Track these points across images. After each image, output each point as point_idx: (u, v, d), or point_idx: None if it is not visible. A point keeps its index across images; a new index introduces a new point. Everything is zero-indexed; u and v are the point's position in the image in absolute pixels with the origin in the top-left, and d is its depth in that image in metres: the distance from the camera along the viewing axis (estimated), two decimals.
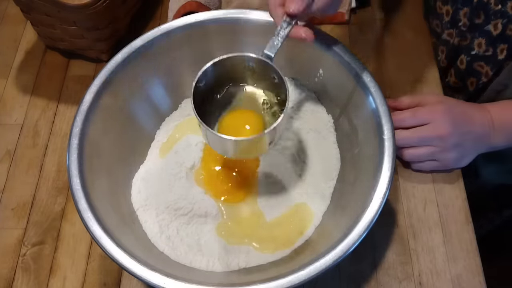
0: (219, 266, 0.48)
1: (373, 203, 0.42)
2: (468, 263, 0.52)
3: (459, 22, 0.60)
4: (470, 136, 0.53)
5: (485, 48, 0.57)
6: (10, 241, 0.56)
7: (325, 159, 0.54)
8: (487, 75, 0.59)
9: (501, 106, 0.55)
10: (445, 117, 0.53)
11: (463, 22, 0.59)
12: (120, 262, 0.40)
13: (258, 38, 0.54)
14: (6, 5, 0.76)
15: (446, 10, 0.62)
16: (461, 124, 0.53)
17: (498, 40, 0.55)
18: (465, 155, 0.55)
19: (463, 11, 0.59)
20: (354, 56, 0.50)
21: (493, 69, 0.58)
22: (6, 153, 0.62)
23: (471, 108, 0.55)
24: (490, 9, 0.54)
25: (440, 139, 0.53)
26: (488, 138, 0.54)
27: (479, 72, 0.60)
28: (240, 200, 0.52)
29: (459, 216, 0.55)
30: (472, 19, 0.57)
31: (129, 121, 0.53)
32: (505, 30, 0.54)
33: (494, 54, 0.57)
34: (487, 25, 0.55)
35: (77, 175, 0.44)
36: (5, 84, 0.68)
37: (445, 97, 0.57)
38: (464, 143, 0.53)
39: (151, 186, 0.52)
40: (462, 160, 0.55)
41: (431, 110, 0.54)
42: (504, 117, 0.54)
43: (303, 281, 0.39)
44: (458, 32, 0.61)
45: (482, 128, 0.53)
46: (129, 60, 0.51)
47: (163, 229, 0.49)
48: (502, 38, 0.55)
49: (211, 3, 0.65)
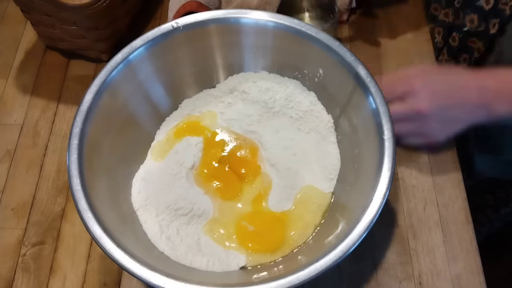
0: (219, 266, 0.48)
1: (373, 203, 0.42)
2: (468, 263, 0.52)
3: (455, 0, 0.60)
4: (459, 109, 0.51)
5: (477, 24, 0.57)
6: (10, 241, 0.56)
7: (325, 159, 0.54)
8: (479, 51, 0.59)
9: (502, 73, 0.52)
10: (423, 91, 0.50)
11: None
12: (120, 262, 0.40)
13: (258, 38, 0.55)
14: (6, 5, 0.76)
15: None
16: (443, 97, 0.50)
17: (490, 15, 0.55)
18: (450, 126, 0.52)
19: None
20: (354, 56, 0.50)
21: (485, 45, 0.58)
22: (6, 153, 0.62)
23: (461, 78, 0.52)
24: None
25: (417, 115, 0.51)
26: (488, 106, 0.51)
27: (472, 47, 0.60)
28: (240, 200, 0.52)
29: (459, 216, 0.55)
30: None
31: (129, 121, 0.53)
32: (497, 4, 0.54)
33: (486, 29, 0.57)
34: (479, 0, 0.56)
35: (77, 175, 0.44)
36: (5, 84, 0.68)
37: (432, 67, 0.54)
38: (449, 115, 0.51)
39: (151, 186, 0.52)
40: (449, 130, 0.53)
41: (409, 84, 0.51)
42: (506, 84, 0.51)
43: (303, 281, 0.39)
44: (453, 10, 0.61)
45: (478, 97, 0.50)
46: (129, 60, 0.51)
47: (163, 229, 0.49)
48: (494, 13, 0.55)
49: (211, 3, 0.65)
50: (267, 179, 0.53)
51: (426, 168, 0.58)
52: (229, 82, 0.59)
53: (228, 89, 0.58)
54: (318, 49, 0.51)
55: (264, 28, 0.53)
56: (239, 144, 0.55)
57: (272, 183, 0.53)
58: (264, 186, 0.53)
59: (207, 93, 0.59)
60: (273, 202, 0.52)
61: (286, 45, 0.54)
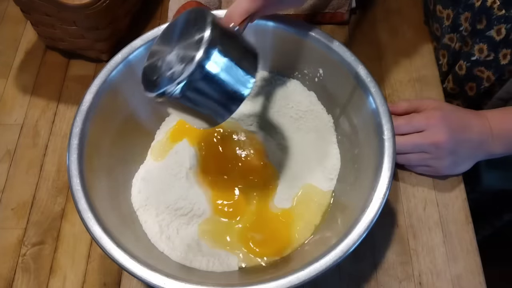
0: (219, 266, 0.48)
1: (373, 203, 0.42)
2: (468, 263, 0.52)
3: (460, 27, 0.59)
4: (467, 144, 0.53)
5: (486, 54, 0.56)
6: (10, 241, 0.56)
7: (325, 159, 0.54)
8: (489, 80, 0.58)
9: (501, 113, 0.54)
10: (441, 124, 0.52)
11: (464, 27, 0.58)
12: (120, 262, 0.40)
13: (258, 38, 0.54)
14: (6, 5, 0.76)
15: (447, 14, 0.61)
16: (457, 131, 0.52)
17: (501, 45, 0.55)
18: (460, 163, 0.54)
19: (464, 15, 0.58)
20: (354, 56, 0.50)
21: (495, 74, 0.57)
22: (6, 153, 0.62)
23: (468, 115, 0.54)
24: (493, 13, 0.53)
25: (435, 147, 0.52)
26: (486, 146, 0.53)
27: (480, 77, 0.59)
28: (239, 200, 0.52)
29: (459, 216, 0.55)
30: (474, 24, 0.56)
31: (129, 121, 0.53)
32: (509, 35, 0.53)
33: (495, 59, 0.56)
34: (489, 31, 0.54)
35: (77, 175, 0.44)
36: (5, 84, 0.68)
37: (444, 103, 0.56)
38: (459, 150, 0.53)
39: (151, 186, 0.52)
40: (456, 167, 0.55)
41: (427, 117, 0.53)
42: (504, 125, 0.53)
43: (303, 281, 0.39)
44: (459, 37, 0.60)
45: (480, 136, 0.53)
46: (129, 60, 0.51)
47: (163, 229, 0.49)
48: (505, 43, 0.54)
49: (211, 3, 0.65)
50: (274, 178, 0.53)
51: None
52: None
53: None
54: (318, 49, 0.51)
55: (264, 28, 0.53)
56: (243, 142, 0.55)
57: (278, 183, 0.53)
58: (269, 185, 0.53)
59: None
60: (273, 202, 0.52)
61: (286, 45, 0.54)
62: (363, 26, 0.70)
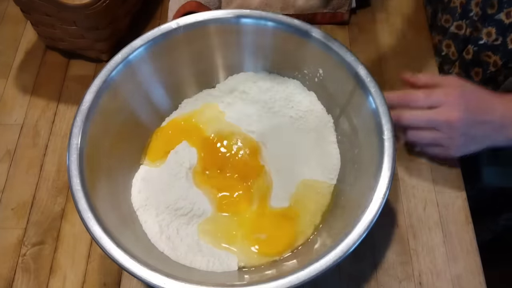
0: (219, 266, 0.48)
1: (373, 203, 0.42)
2: (468, 263, 0.52)
3: (471, 12, 0.58)
4: (486, 126, 0.50)
5: (494, 37, 0.55)
6: (10, 241, 0.56)
7: (325, 159, 0.54)
8: (495, 65, 0.57)
9: None
10: (458, 103, 0.50)
11: (475, 11, 0.57)
12: (120, 262, 0.40)
13: (258, 38, 0.55)
14: (6, 5, 0.76)
15: (460, 2, 0.60)
16: (474, 112, 0.50)
17: (510, 29, 0.54)
18: (472, 144, 0.52)
19: (475, 0, 0.57)
20: (354, 56, 0.50)
21: (502, 58, 0.56)
22: (6, 153, 0.62)
23: (492, 96, 0.51)
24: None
25: (447, 124, 0.50)
26: (507, 130, 0.50)
27: (486, 62, 0.58)
28: (239, 200, 0.52)
29: (459, 216, 0.55)
30: (485, 8, 0.55)
31: (129, 121, 0.53)
32: None
33: (503, 43, 0.55)
34: (499, 14, 0.53)
35: (77, 175, 0.44)
36: (5, 84, 0.68)
37: (467, 82, 0.53)
38: (473, 132, 0.51)
39: (151, 186, 0.52)
40: (467, 147, 0.52)
41: (446, 93, 0.51)
42: None
43: (303, 281, 0.39)
44: (469, 23, 0.59)
45: (502, 119, 0.50)
46: (129, 60, 0.51)
47: (163, 229, 0.49)
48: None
49: (211, 3, 0.65)
50: (268, 179, 0.53)
51: (426, 168, 0.58)
52: (229, 82, 0.59)
53: (228, 89, 0.58)
54: (318, 49, 0.51)
55: (264, 28, 0.53)
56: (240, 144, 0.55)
57: (273, 183, 0.53)
58: (265, 186, 0.53)
59: (207, 93, 0.59)
60: (273, 202, 0.52)
61: (286, 45, 0.54)
62: (363, 26, 0.70)
